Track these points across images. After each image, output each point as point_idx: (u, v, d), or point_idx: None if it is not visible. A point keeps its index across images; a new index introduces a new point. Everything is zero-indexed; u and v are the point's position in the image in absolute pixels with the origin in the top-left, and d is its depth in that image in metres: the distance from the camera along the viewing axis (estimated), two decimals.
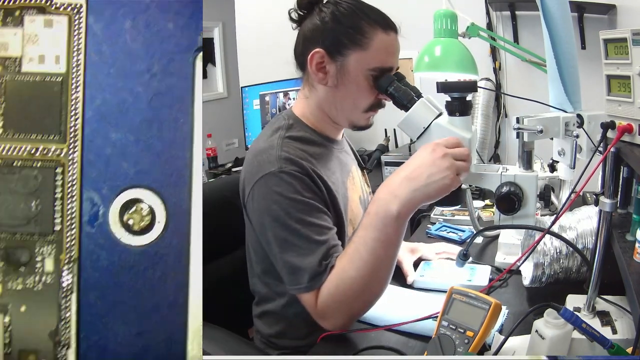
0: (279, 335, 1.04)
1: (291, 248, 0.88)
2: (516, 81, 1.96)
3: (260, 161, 0.92)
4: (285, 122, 1.00)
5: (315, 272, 0.86)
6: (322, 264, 0.86)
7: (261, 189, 0.90)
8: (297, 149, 0.94)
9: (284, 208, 0.88)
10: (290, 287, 0.89)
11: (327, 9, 0.96)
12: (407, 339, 0.87)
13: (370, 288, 0.86)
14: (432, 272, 1.09)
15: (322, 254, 0.87)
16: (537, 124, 0.83)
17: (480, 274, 1.06)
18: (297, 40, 1.00)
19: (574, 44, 0.95)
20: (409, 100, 0.90)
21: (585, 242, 0.89)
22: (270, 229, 0.90)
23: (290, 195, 0.88)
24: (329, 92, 0.98)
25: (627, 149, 0.74)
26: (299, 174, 0.90)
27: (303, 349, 1.00)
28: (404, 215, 0.82)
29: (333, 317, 0.88)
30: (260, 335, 1.07)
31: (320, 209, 0.91)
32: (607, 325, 0.77)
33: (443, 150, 0.80)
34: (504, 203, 0.83)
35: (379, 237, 0.82)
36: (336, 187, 0.98)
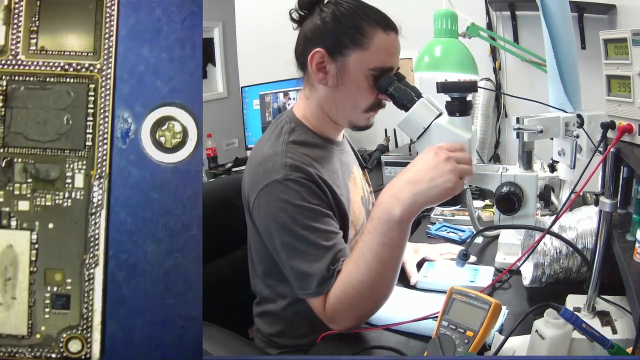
0: (280, 334, 1.05)
1: (299, 254, 0.88)
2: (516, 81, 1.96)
3: (265, 169, 0.92)
4: (287, 125, 1.00)
5: (324, 277, 0.86)
6: (329, 269, 0.87)
7: (267, 196, 0.90)
8: (302, 155, 0.94)
9: (291, 215, 0.88)
10: (299, 292, 0.90)
11: (328, 9, 0.96)
12: (407, 339, 0.87)
13: (377, 290, 0.86)
14: (435, 273, 1.09)
15: (330, 259, 0.87)
16: (537, 124, 0.83)
17: (483, 275, 1.06)
18: (298, 40, 1.00)
19: (574, 44, 0.95)
20: (409, 100, 0.90)
21: (585, 242, 0.89)
22: (277, 236, 0.90)
23: (297, 202, 0.89)
24: (329, 92, 0.98)
25: (627, 149, 0.74)
26: (304, 181, 0.90)
27: (304, 348, 1.00)
28: (407, 218, 0.82)
29: (342, 320, 0.88)
30: (261, 334, 1.07)
31: (327, 214, 0.91)
32: (607, 325, 0.77)
33: (446, 153, 0.79)
34: (504, 203, 0.83)
35: (382, 241, 0.82)
36: (340, 189, 0.99)
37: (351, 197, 1.04)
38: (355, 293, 0.85)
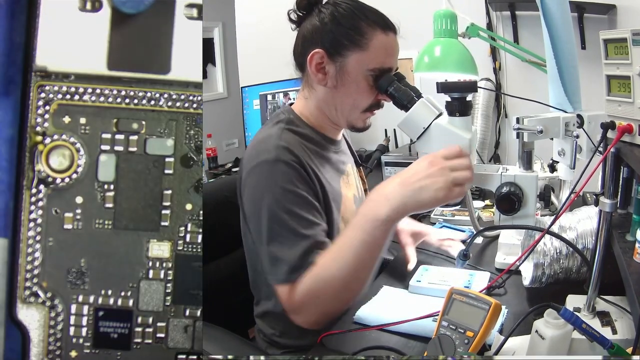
0: (281, 334, 1.05)
1: (276, 238, 0.88)
2: (516, 81, 1.96)
3: (258, 149, 0.93)
4: (285, 116, 1.00)
5: (295, 265, 0.85)
6: (303, 258, 0.85)
7: (255, 176, 0.91)
8: (296, 141, 0.95)
9: (276, 197, 0.88)
10: (269, 277, 0.90)
11: (327, 9, 0.96)
12: (407, 339, 0.87)
13: (349, 288, 0.85)
14: (429, 277, 1.06)
15: (305, 249, 0.86)
16: (537, 124, 0.83)
17: (478, 280, 1.04)
18: (297, 41, 1.00)
19: (574, 44, 0.95)
20: (409, 100, 0.90)
21: (585, 242, 0.89)
22: (259, 217, 0.90)
23: (284, 184, 0.89)
24: (328, 93, 0.98)
25: (627, 149, 0.74)
26: (294, 164, 0.90)
27: (305, 347, 1.00)
28: (393, 220, 0.79)
29: (306, 314, 0.87)
30: (263, 335, 1.08)
31: (311, 203, 0.91)
32: (607, 325, 0.77)
33: (441, 163, 0.77)
34: (504, 203, 0.83)
35: (365, 239, 0.81)
36: (329, 183, 0.99)
37: (343, 193, 1.04)
38: (326, 287, 0.84)
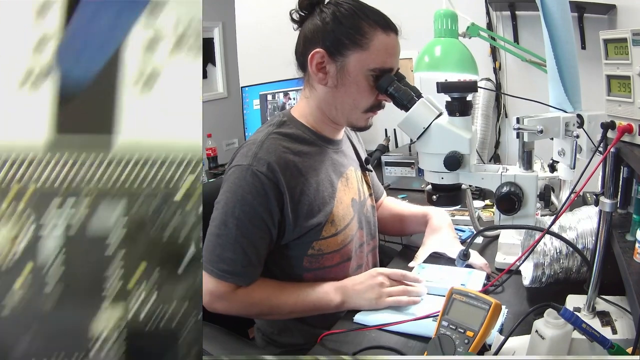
0: (280, 333, 1.05)
1: (221, 237, 0.94)
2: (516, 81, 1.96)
3: (241, 152, 0.98)
4: (278, 119, 1.02)
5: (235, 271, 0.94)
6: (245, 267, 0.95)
7: (229, 176, 0.96)
8: (280, 146, 0.96)
9: (232, 202, 0.94)
10: (206, 265, 0.95)
11: (328, 9, 0.96)
12: (407, 339, 0.87)
13: (275, 317, 1.03)
14: (425, 276, 1.06)
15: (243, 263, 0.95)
16: (537, 124, 0.83)
17: (474, 279, 1.03)
18: (298, 40, 1.01)
19: (574, 44, 0.95)
20: (409, 100, 0.90)
21: (585, 242, 0.89)
22: (216, 212, 0.96)
23: (244, 194, 0.93)
24: (328, 93, 0.98)
25: (627, 149, 0.74)
26: (264, 177, 0.93)
27: (304, 347, 1.01)
28: (341, 307, 0.97)
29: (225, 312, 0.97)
30: (262, 333, 1.08)
31: (263, 223, 0.95)
32: (607, 325, 0.77)
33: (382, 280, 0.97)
34: (504, 203, 0.83)
35: (314, 307, 0.97)
36: (313, 189, 0.98)
37: (338, 197, 1.03)
38: (258, 310, 1.00)
